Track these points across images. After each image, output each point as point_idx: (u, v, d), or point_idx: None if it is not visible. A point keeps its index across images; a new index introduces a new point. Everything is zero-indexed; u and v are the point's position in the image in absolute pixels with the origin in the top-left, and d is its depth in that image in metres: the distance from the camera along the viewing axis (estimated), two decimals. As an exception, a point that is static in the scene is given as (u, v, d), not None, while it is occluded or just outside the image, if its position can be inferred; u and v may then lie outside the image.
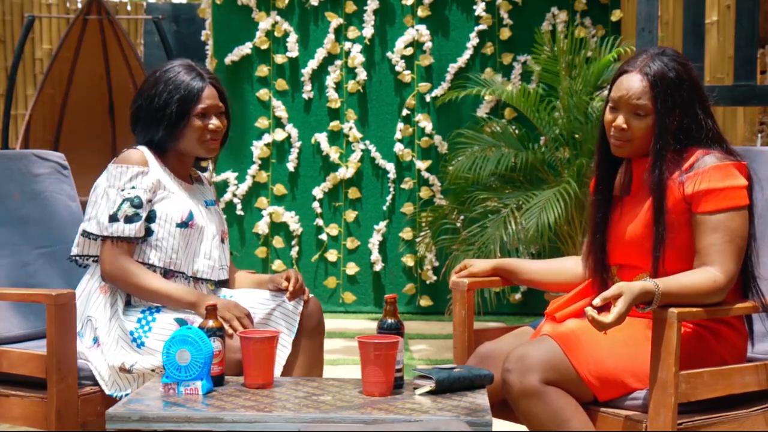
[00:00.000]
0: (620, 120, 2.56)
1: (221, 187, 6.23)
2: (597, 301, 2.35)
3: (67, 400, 2.63)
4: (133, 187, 2.83)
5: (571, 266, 2.87)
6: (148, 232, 2.86)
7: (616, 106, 2.57)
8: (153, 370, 2.72)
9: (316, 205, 6.25)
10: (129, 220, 2.81)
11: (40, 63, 8.85)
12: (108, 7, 7.80)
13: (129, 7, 9.37)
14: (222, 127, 2.95)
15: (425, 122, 6.18)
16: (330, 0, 6.22)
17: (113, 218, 2.81)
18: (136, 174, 2.84)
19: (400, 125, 6.20)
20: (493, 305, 5.12)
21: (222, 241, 3.03)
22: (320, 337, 2.91)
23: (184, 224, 2.88)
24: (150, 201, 2.85)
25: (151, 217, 2.86)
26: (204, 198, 3.05)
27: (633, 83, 2.53)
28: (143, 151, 2.91)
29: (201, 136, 2.91)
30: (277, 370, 2.77)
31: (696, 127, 2.54)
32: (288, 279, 2.89)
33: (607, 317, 2.32)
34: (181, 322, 2.76)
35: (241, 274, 3.11)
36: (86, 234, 2.87)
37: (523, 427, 2.53)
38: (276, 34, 6.24)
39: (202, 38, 6.41)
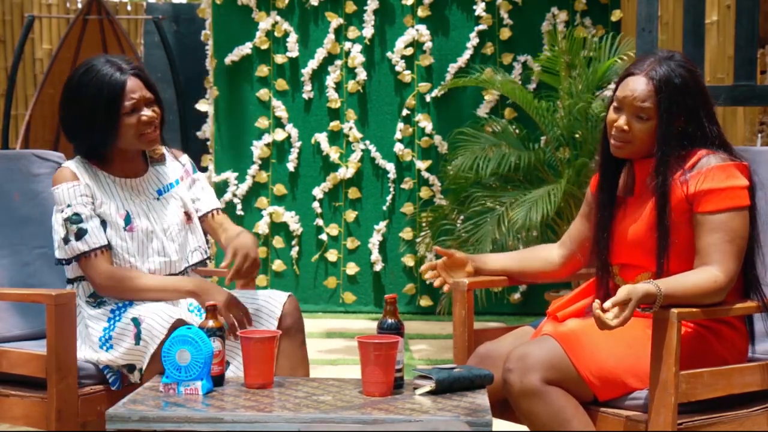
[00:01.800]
0: (622, 121, 2.55)
1: (221, 187, 6.23)
2: (608, 305, 2.34)
3: (67, 400, 2.63)
4: (69, 205, 2.82)
5: (543, 254, 2.87)
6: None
7: (620, 107, 2.57)
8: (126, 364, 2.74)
9: (316, 205, 6.25)
10: (79, 236, 2.80)
11: (40, 63, 8.84)
12: (108, 7, 7.80)
13: (129, 7, 9.36)
14: (155, 116, 2.87)
15: (425, 122, 6.18)
16: (330, 0, 6.22)
17: (66, 241, 2.81)
18: (66, 190, 2.83)
19: (400, 125, 6.20)
20: (483, 304, 5.10)
21: (189, 222, 2.97)
22: (300, 335, 2.89)
23: (125, 228, 2.87)
24: (93, 209, 2.83)
25: (104, 228, 2.84)
26: (158, 186, 2.98)
27: (638, 86, 2.53)
28: (69, 165, 2.88)
29: (137, 131, 2.85)
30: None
31: (700, 133, 2.54)
32: (235, 254, 2.77)
33: (613, 321, 2.32)
34: (136, 322, 2.74)
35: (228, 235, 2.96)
36: (59, 261, 2.88)
37: (524, 427, 2.53)
38: (276, 34, 6.23)
39: (202, 38, 6.40)
